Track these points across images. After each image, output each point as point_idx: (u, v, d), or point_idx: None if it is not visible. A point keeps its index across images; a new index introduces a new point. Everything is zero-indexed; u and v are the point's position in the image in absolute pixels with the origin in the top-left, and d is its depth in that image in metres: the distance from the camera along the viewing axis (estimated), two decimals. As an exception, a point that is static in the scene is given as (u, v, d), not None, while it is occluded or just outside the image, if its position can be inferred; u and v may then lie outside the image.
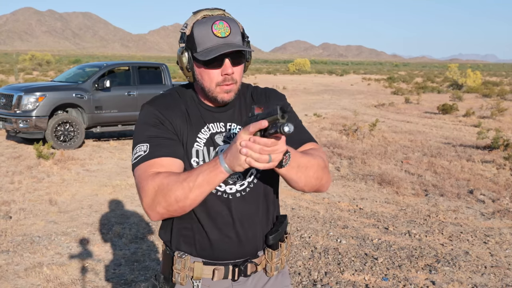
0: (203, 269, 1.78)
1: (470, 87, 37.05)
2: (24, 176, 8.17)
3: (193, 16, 1.71)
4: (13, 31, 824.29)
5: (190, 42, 1.69)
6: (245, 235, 1.78)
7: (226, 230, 1.76)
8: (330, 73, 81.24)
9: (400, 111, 21.63)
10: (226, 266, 1.79)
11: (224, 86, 1.69)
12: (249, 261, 1.81)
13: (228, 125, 1.80)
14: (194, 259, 1.79)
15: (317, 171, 1.73)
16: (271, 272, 1.85)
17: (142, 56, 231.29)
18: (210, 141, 1.77)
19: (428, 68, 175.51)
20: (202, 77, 1.71)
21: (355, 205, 6.88)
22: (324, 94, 32.38)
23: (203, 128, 1.77)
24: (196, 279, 1.78)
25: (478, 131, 12.88)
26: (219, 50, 1.61)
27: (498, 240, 5.56)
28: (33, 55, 75.17)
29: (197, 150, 1.75)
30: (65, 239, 5.32)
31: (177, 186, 1.54)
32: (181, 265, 1.77)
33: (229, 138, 1.78)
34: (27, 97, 10.53)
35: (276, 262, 1.85)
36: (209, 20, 1.66)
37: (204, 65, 1.68)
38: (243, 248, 1.79)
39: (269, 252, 1.84)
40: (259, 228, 1.82)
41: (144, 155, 1.66)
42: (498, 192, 7.47)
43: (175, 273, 1.78)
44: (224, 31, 1.64)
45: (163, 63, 12.95)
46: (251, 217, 1.79)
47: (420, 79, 60.11)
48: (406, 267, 4.73)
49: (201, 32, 1.65)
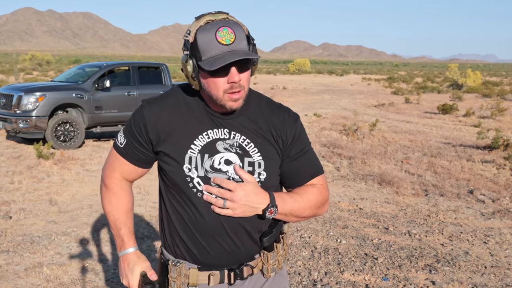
0: (198, 275, 1.78)
1: (470, 87, 37.07)
2: (24, 176, 8.17)
3: (196, 22, 1.65)
4: (13, 31, 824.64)
5: (194, 50, 1.64)
6: (238, 243, 1.77)
7: (219, 239, 1.75)
8: (330, 73, 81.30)
9: (400, 111, 21.64)
10: (221, 271, 1.79)
11: (232, 95, 1.66)
12: (244, 265, 1.81)
13: (232, 133, 1.77)
14: (189, 266, 1.79)
15: (311, 211, 1.83)
16: (268, 273, 1.84)
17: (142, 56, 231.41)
18: (207, 148, 1.74)
19: (428, 68, 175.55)
20: (209, 85, 1.67)
21: (355, 205, 6.88)
22: (324, 94, 32.38)
23: (200, 135, 1.75)
24: (192, 285, 1.78)
25: (478, 131, 12.87)
26: (225, 59, 1.57)
27: (498, 240, 5.56)
28: (33, 55, 75.15)
29: (190, 157, 1.73)
30: (65, 239, 5.32)
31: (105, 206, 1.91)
32: (177, 273, 1.77)
33: (231, 147, 1.75)
34: (27, 97, 10.53)
35: (273, 264, 1.84)
36: (213, 27, 1.60)
37: (210, 74, 1.63)
38: (236, 255, 1.79)
39: (264, 254, 1.83)
40: (254, 234, 1.80)
41: (119, 147, 1.84)
42: (498, 192, 7.47)
43: (171, 281, 1.78)
44: (228, 38, 1.59)
45: (163, 63, 12.94)
46: (244, 225, 1.76)
47: (420, 79, 60.13)
48: (406, 267, 4.73)
49: (205, 40, 1.60)
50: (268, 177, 1.77)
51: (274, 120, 1.82)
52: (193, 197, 1.72)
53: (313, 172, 1.86)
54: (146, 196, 7.13)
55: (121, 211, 1.88)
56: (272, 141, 1.79)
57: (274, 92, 31.03)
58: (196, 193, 1.71)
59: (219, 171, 1.72)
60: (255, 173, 1.75)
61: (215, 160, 1.73)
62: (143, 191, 7.38)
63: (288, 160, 1.82)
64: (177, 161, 1.72)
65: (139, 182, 7.93)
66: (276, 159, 1.80)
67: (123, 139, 1.82)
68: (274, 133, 1.80)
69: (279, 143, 1.80)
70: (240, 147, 1.75)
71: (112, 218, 1.88)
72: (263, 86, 36.55)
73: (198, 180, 1.71)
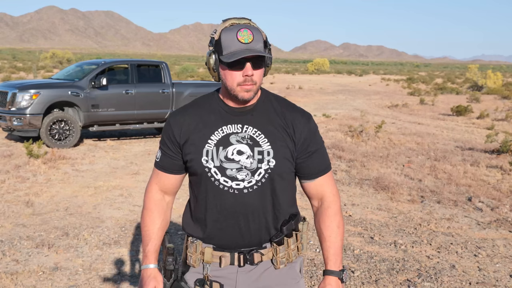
0: (212, 255, 2.01)
1: (490, 89, 36.23)
2: (9, 175, 7.96)
3: (223, 23, 1.92)
4: (37, 29, 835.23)
5: (217, 46, 1.91)
6: (247, 227, 1.98)
7: (231, 221, 1.98)
8: (350, 74, 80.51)
9: (413, 112, 21.12)
10: (231, 253, 2.00)
11: (244, 86, 1.90)
12: (255, 251, 2.01)
13: (245, 127, 2.00)
14: (205, 245, 2.03)
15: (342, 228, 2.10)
16: (277, 265, 2.02)
17: (163, 55, 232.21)
18: (221, 141, 1.98)
19: (450, 69, 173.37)
20: (226, 77, 1.92)
21: (344, 211, 6.52)
22: (339, 94, 31.92)
23: (216, 131, 2.00)
24: (207, 262, 2.01)
25: (487, 134, 12.37)
26: (240, 54, 1.83)
27: (489, 253, 5.16)
28: (54, 53, 75.72)
29: (207, 150, 1.98)
30: (28, 244, 5.05)
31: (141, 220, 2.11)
32: (193, 249, 2.03)
33: (243, 139, 1.99)
34: (21, 95, 10.35)
35: (282, 257, 2.01)
36: (235, 28, 1.88)
37: (228, 67, 1.89)
38: (245, 239, 1.99)
39: (274, 246, 2.01)
40: (264, 222, 2.00)
41: (157, 162, 2.12)
42: (499, 200, 7.05)
43: (189, 255, 2.05)
44: (247, 37, 1.87)
45: (163, 61, 12.68)
46: (255, 211, 1.97)
47: (440, 80, 59.14)
48: (383, 282, 4.38)
49: (227, 38, 1.87)
50: (277, 164, 1.97)
51: (286, 115, 2.04)
52: (211, 185, 1.97)
53: (322, 169, 2.08)
54: (128, 199, 6.86)
55: (152, 229, 2.08)
56: (284, 133, 2.01)
57: (289, 91, 30.65)
58: (214, 182, 1.97)
59: (232, 160, 1.96)
60: (264, 161, 1.96)
61: (228, 151, 1.97)
62: (126, 193, 7.11)
63: (301, 156, 2.04)
64: (197, 155, 1.99)
65: (124, 184, 7.68)
66: (286, 148, 2.00)
67: (159, 153, 2.11)
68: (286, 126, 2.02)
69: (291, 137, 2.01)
70: (251, 138, 1.99)
71: (143, 233, 2.09)
72: (279, 85, 36.18)
73: (215, 170, 1.97)
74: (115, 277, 4.38)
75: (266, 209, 1.99)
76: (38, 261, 4.65)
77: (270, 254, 2.02)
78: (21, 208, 6.31)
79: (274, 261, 2.02)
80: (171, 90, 12.14)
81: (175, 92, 12.19)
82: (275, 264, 2.02)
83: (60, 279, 4.30)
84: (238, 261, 2.00)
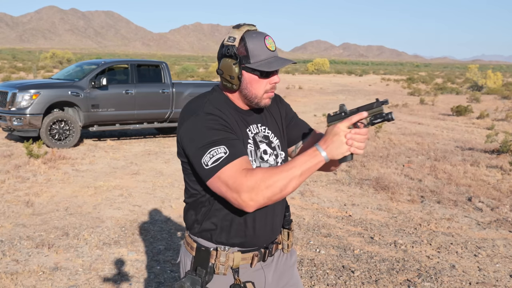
0: (241, 257, 1.95)
1: (490, 89, 36.21)
2: (9, 175, 7.96)
3: (238, 30, 1.87)
4: (37, 29, 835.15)
5: (241, 53, 1.85)
6: (276, 221, 2.04)
7: (268, 218, 1.98)
8: (350, 73, 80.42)
9: (413, 112, 21.10)
10: (259, 250, 2.00)
11: (270, 93, 1.92)
12: (274, 242, 2.06)
13: (259, 126, 2.02)
14: (232, 250, 1.95)
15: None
16: (287, 249, 2.11)
17: (163, 55, 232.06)
18: (254, 142, 1.97)
19: (450, 69, 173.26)
20: (252, 85, 1.89)
21: (344, 211, 6.53)
22: (339, 94, 31.89)
23: (248, 129, 1.96)
24: (235, 267, 1.95)
25: (487, 134, 12.37)
26: (279, 63, 1.84)
27: (489, 252, 5.17)
28: (54, 53, 75.68)
29: (250, 150, 1.94)
30: (28, 244, 5.05)
31: (282, 177, 1.68)
32: (226, 258, 1.92)
33: (264, 138, 2.01)
34: (21, 95, 10.35)
35: (290, 240, 2.13)
36: (260, 35, 1.87)
37: (259, 75, 1.87)
38: (273, 233, 2.04)
39: (285, 232, 2.12)
40: (282, 212, 2.09)
41: (227, 156, 1.74)
42: (499, 200, 7.05)
43: (219, 265, 1.92)
44: (273, 45, 1.90)
45: (163, 61, 12.68)
46: (278, 204, 2.03)
47: (440, 80, 59.10)
48: (383, 282, 4.38)
49: (256, 46, 1.84)
50: (285, 154, 2.08)
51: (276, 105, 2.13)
52: None
53: (308, 127, 2.20)
54: (128, 199, 6.86)
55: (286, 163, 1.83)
56: (280, 123, 2.10)
57: (289, 91, 30.64)
58: None
59: (264, 160, 1.97)
60: (279, 155, 2.04)
61: (261, 152, 1.98)
62: (126, 193, 7.11)
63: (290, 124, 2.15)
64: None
65: (124, 184, 7.68)
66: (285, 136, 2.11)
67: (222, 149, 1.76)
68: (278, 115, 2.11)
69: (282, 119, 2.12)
70: (265, 137, 2.02)
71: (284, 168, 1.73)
72: (279, 85, 36.05)
73: None
74: (115, 277, 4.38)
75: (283, 200, 2.08)
76: (38, 261, 4.66)
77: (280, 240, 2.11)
78: (21, 208, 6.31)
79: (284, 246, 2.11)
80: (171, 90, 12.14)
81: (175, 92, 12.19)
82: (285, 248, 2.11)
83: (60, 279, 4.30)
84: (264, 257, 2.03)
